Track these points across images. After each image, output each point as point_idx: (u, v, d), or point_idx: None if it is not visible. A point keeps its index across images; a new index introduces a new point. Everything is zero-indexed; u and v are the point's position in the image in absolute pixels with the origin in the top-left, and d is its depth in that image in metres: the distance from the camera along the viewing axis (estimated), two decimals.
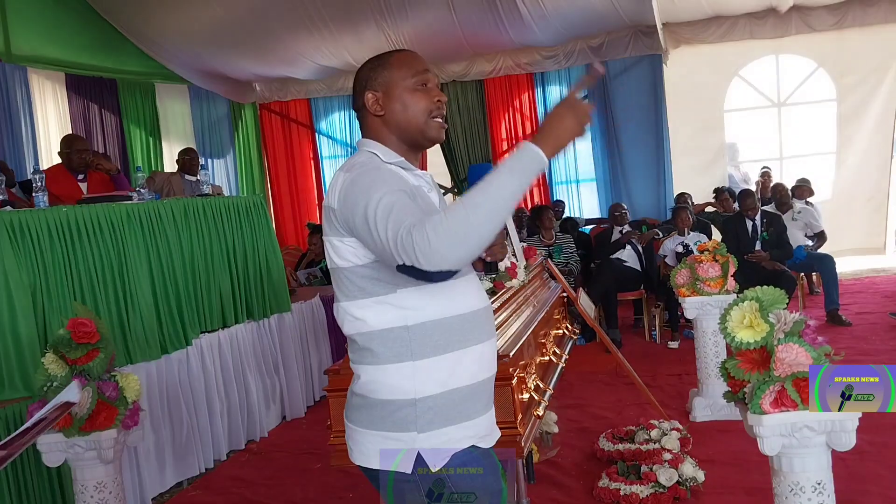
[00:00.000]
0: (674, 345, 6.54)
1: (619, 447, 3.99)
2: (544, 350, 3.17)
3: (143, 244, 4.22)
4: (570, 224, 8.58)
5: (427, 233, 1.44)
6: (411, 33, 8.45)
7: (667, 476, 3.48)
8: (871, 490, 3.42)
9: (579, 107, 1.58)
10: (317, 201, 10.93)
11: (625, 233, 7.15)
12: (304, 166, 10.94)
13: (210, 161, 9.81)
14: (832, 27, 8.72)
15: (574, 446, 4.27)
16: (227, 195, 6.58)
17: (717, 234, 7.34)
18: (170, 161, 8.77)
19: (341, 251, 1.68)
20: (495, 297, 2.88)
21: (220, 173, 10.14)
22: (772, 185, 8.55)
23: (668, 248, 6.97)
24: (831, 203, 8.94)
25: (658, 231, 7.42)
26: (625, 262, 7.11)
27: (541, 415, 2.60)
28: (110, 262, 3.99)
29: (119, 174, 5.61)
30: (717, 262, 4.59)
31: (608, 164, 9.62)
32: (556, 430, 4.27)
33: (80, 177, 5.24)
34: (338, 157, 10.72)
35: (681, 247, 6.57)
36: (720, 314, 2.34)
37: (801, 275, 7.37)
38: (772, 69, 9.41)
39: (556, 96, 9.87)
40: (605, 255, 7.16)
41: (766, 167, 9.29)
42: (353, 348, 1.74)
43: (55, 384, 2.77)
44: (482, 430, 1.74)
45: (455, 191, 10.04)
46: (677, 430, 4.09)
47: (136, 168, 5.01)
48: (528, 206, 9.29)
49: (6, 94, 7.14)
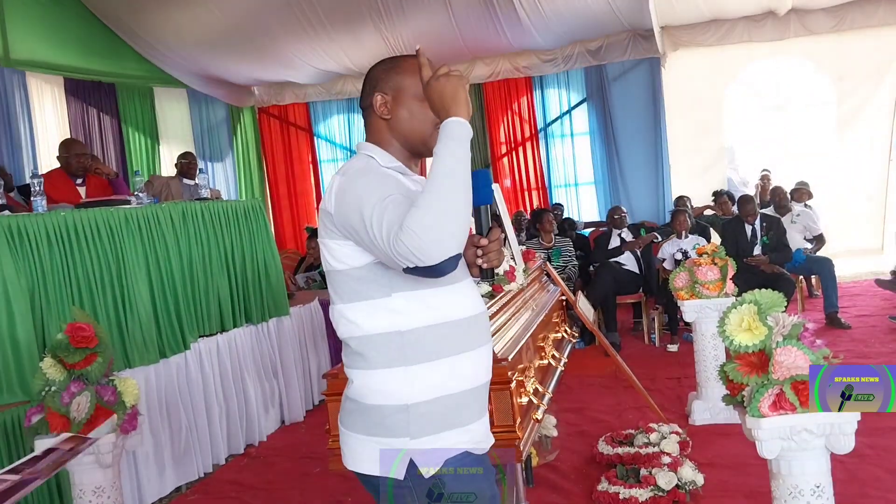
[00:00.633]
0: (673, 348, 6.53)
1: (619, 451, 3.99)
2: (543, 353, 3.17)
3: (142, 248, 4.22)
4: (567, 223, 8.58)
5: (411, 227, 1.46)
6: (410, 37, 8.45)
7: (666, 479, 3.48)
8: (871, 493, 3.42)
9: (448, 74, 1.62)
10: (315, 205, 10.92)
11: (623, 244, 7.15)
12: (302, 170, 10.94)
13: (209, 165, 9.82)
14: (831, 30, 8.72)
15: (573, 450, 4.27)
16: (226, 199, 6.58)
17: (715, 238, 7.35)
18: (168, 165, 8.78)
19: (337, 254, 1.67)
20: (494, 301, 2.88)
21: (219, 177, 10.14)
22: (771, 188, 8.55)
23: (666, 251, 6.97)
24: (830, 205, 8.91)
25: (656, 234, 7.43)
26: (623, 265, 7.11)
27: (540, 418, 2.60)
28: (109, 266, 3.98)
29: (117, 178, 5.61)
30: (715, 265, 4.60)
31: (607, 168, 9.62)
32: (555, 433, 4.27)
33: (79, 181, 5.24)
34: (336, 161, 10.73)
35: (679, 254, 6.57)
36: (719, 317, 2.34)
37: (800, 277, 7.36)
38: (770, 72, 9.42)
39: (554, 99, 9.88)
40: (604, 259, 7.17)
41: (765, 170, 9.29)
42: (347, 352, 1.73)
43: (53, 388, 2.77)
44: (476, 437, 1.73)
45: None
46: (676, 433, 4.08)
47: (135, 172, 5.01)
48: (528, 210, 9.30)
49: (5, 99, 7.14)
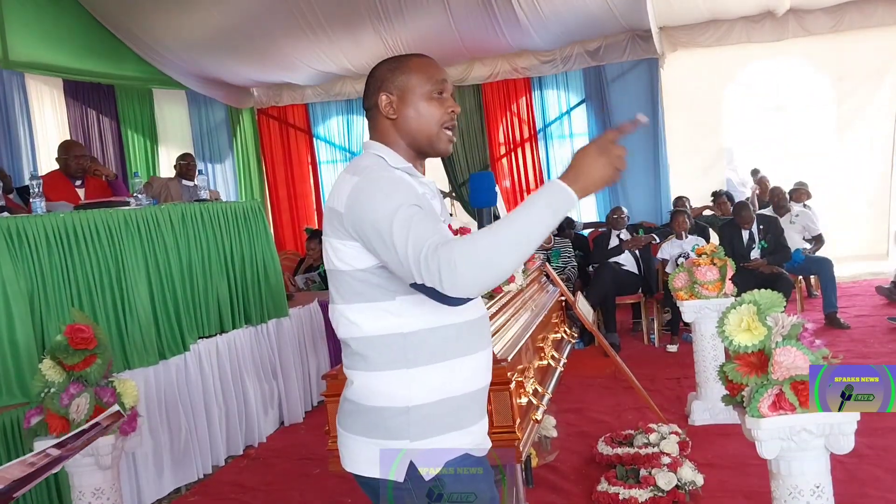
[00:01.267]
0: (672, 348, 6.53)
1: (618, 451, 3.99)
2: (542, 354, 3.17)
3: (141, 250, 4.22)
4: (566, 222, 8.57)
5: (454, 258, 1.43)
6: (409, 38, 8.46)
7: (666, 480, 3.48)
8: (870, 493, 3.42)
9: (613, 150, 1.52)
10: (315, 206, 10.93)
11: (621, 244, 7.15)
12: (301, 171, 10.94)
13: (208, 166, 9.81)
14: (830, 30, 8.71)
15: (573, 450, 4.27)
16: (225, 200, 6.58)
17: (714, 238, 7.35)
18: (168, 166, 8.78)
19: (342, 254, 1.65)
20: (493, 301, 2.88)
21: (219, 179, 10.14)
22: (770, 188, 8.54)
23: (666, 251, 6.98)
24: (832, 208, 8.85)
25: (654, 235, 7.43)
26: (623, 265, 7.11)
27: (539, 419, 2.60)
28: (108, 267, 3.98)
29: (116, 180, 5.60)
30: (714, 265, 4.60)
31: None
32: (554, 434, 4.27)
33: (78, 183, 5.24)
34: (336, 162, 10.73)
35: (682, 258, 6.57)
36: (718, 317, 2.34)
37: (800, 278, 7.37)
38: (769, 73, 9.41)
39: (553, 100, 9.88)
40: (603, 260, 7.17)
41: (756, 169, 9.23)
42: (347, 353, 1.72)
43: (53, 390, 2.77)
44: (476, 439, 1.73)
45: (453, 195, 10.04)
46: (676, 433, 4.08)
47: (134, 174, 5.00)
48: None
49: (4, 101, 7.14)
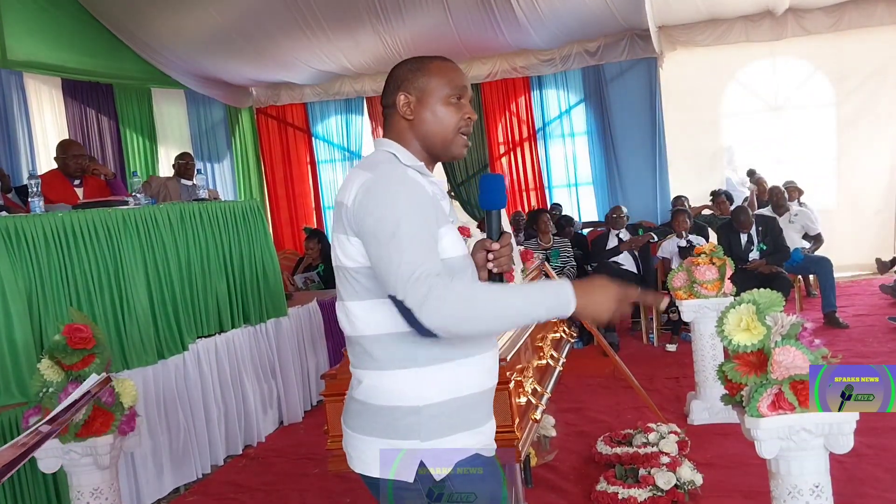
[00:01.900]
0: (671, 348, 6.53)
1: (617, 451, 3.99)
2: (541, 353, 3.17)
3: (140, 249, 4.21)
4: (565, 220, 8.58)
5: (447, 294, 1.50)
6: (407, 37, 8.45)
7: (665, 479, 3.48)
8: (869, 493, 3.42)
9: (625, 303, 1.64)
10: (313, 205, 10.93)
11: (620, 244, 7.15)
12: (300, 170, 10.93)
13: (207, 166, 9.80)
14: (829, 29, 8.70)
15: (572, 450, 4.27)
16: (224, 200, 6.57)
17: (713, 237, 7.35)
18: (167, 166, 8.77)
19: (348, 250, 1.64)
20: None
21: (217, 178, 10.13)
22: (769, 187, 8.52)
23: (667, 249, 6.98)
24: (835, 215, 8.74)
25: (652, 235, 7.43)
26: (622, 265, 7.11)
27: (538, 418, 2.60)
28: (106, 267, 3.98)
29: (115, 179, 5.60)
30: (713, 264, 4.60)
31: (605, 168, 9.63)
32: (553, 433, 4.27)
33: (76, 182, 5.23)
34: (335, 162, 10.72)
35: (684, 241, 6.57)
36: (717, 317, 2.34)
37: (798, 277, 7.36)
38: (769, 72, 9.40)
39: (552, 99, 9.87)
40: (602, 260, 7.17)
41: (751, 169, 9.21)
42: (355, 351, 1.71)
43: (51, 390, 2.76)
44: (485, 439, 1.72)
45: (451, 194, 10.04)
46: (675, 433, 4.08)
47: (133, 173, 5.00)
48: (526, 210, 9.30)
49: (2, 100, 7.12)
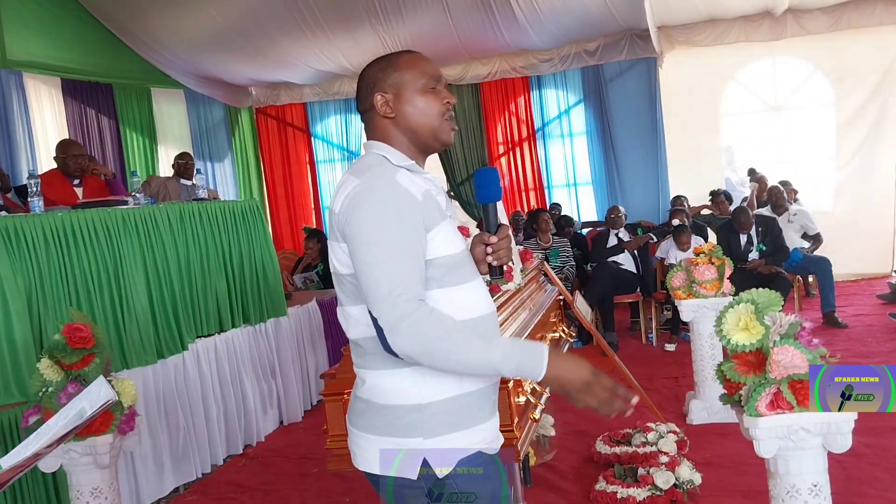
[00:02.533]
0: (670, 347, 6.54)
1: (616, 450, 3.99)
2: None
3: (139, 249, 4.22)
4: (564, 220, 8.59)
5: (424, 323, 1.52)
6: (407, 37, 8.45)
7: (664, 479, 3.48)
8: (868, 492, 3.42)
9: (598, 386, 1.58)
10: (313, 205, 10.93)
11: (621, 244, 7.16)
12: (300, 170, 10.94)
13: (208, 165, 9.80)
14: (828, 29, 8.70)
15: (571, 449, 4.27)
16: (224, 200, 6.58)
17: (712, 237, 7.35)
18: (167, 166, 8.76)
19: (340, 256, 1.65)
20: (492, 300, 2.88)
21: (219, 178, 10.13)
22: (768, 187, 8.53)
23: (664, 249, 6.99)
24: (833, 218, 8.66)
25: (651, 235, 7.43)
26: (621, 265, 7.12)
27: (537, 418, 2.60)
28: (106, 266, 3.98)
29: (115, 179, 5.60)
30: (712, 264, 4.60)
31: (604, 168, 9.62)
32: (552, 433, 4.27)
33: (76, 182, 5.23)
34: (334, 161, 10.72)
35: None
36: (716, 317, 2.34)
37: (798, 277, 7.37)
38: (768, 72, 9.39)
39: (551, 99, 9.88)
40: (601, 259, 7.17)
41: (752, 169, 9.21)
42: (358, 353, 1.71)
43: (50, 389, 2.77)
44: (489, 436, 1.72)
45: (451, 194, 10.03)
46: (674, 432, 4.09)
47: (132, 173, 4.99)
48: (525, 210, 9.30)
49: (2, 100, 7.12)
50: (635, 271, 7.13)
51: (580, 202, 9.98)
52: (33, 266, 3.62)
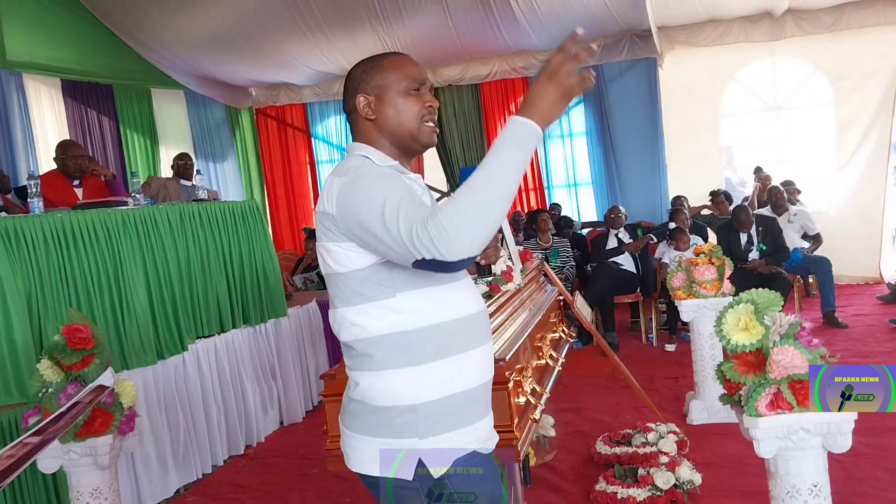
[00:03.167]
0: (670, 348, 6.54)
1: (616, 450, 3.99)
2: (541, 353, 3.17)
3: (139, 249, 4.22)
4: (564, 221, 8.59)
5: (441, 222, 1.43)
6: (407, 37, 8.45)
7: (664, 479, 3.48)
8: (868, 492, 3.42)
9: (561, 70, 1.49)
10: (313, 206, 10.92)
11: (623, 246, 7.15)
12: (300, 171, 10.94)
13: (208, 166, 9.80)
14: (828, 30, 8.69)
15: (571, 450, 4.27)
16: (225, 200, 6.58)
17: (712, 237, 7.35)
18: (167, 166, 8.76)
19: (338, 256, 1.64)
20: (491, 301, 2.88)
21: (220, 178, 10.13)
22: (769, 187, 8.52)
23: (661, 251, 6.99)
24: (829, 219, 8.62)
25: (652, 236, 7.43)
26: (621, 265, 7.12)
27: (537, 418, 2.60)
28: (106, 267, 3.98)
29: (115, 180, 5.60)
30: (712, 264, 4.60)
31: (604, 168, 9.62)
32: (552, 433, 4.27)
33: (76, 182, 5.23)
34: (334, 162, 10.71)
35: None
36: (716, 317, 2.34)
37: (798, 277, 7.37)
38: (768, 72, 9.39)
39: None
40: (601, 260, 7.17)
41: (758, 167, 9.22)
42: (351, 354, 1.71)
43: (50, 390, 2.77)
44: (483, 435, 1.73)
45: (451, 195, 10.03)
46: (674, 433, 4.09)
47: (132, 173, 4.99)
48: (525, 210, 9.30)
49: (2, 101, 7.12)
50: (635, 271, 7.13)
51: (580, 202, 9.97)
52: (33, 267, 3.62)
